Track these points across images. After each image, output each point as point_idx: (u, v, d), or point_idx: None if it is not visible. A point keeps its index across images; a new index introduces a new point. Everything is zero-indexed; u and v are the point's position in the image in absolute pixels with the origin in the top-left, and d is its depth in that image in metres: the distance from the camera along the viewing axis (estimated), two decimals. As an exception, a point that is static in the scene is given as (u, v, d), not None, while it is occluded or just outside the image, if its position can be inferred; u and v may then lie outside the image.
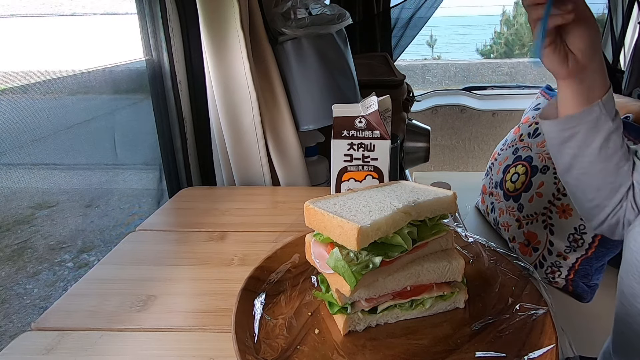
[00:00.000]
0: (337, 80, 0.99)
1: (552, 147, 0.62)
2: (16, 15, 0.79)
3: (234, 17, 0.88)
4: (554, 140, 0.61)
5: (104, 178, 0.97)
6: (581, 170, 0.60)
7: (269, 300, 0.51)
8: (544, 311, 0.48)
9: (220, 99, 0.93)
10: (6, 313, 0.74)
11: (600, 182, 0.59)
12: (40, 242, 0.81)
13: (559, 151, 0.61)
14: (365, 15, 1.94)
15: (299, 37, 0.95)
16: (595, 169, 0.59)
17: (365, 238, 0.42)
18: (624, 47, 1.82)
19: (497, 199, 1.31)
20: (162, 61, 1.03)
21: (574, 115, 0.58)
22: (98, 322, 0.53)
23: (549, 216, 1.10)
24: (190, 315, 0.54)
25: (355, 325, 0.47)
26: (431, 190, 0.53)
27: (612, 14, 1.75)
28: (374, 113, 0.65)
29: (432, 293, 0.49)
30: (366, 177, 0.69)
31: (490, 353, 0.43)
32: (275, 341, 0.45)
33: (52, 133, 0.82)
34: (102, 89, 0.97)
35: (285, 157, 0.98)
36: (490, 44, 6.63)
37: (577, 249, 1.06)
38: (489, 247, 0.61)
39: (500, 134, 2.21)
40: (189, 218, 0.82)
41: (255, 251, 0.67)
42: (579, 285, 1.08)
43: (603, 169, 0.58)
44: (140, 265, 0.65)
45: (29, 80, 0.76)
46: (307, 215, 0.48)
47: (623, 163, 0.58)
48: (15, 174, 0.74)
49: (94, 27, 0.96)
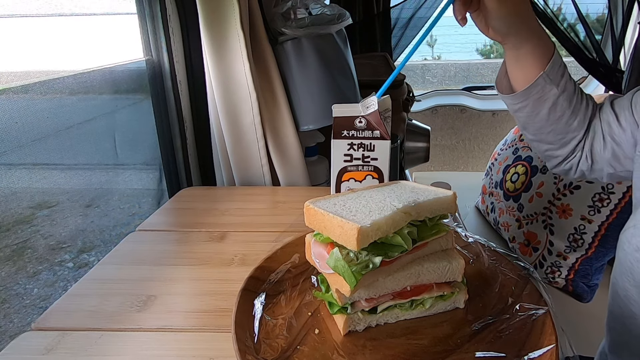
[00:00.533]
0: (337, 80, 0.99)
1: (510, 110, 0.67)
2: (16, 15, 0.79)
3: (234, 17, 0.88)
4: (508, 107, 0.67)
5: (104, 178, 0.97)
6: (534, 130, 0.65)
7: (269, 300, 0.51)
8: (544, 311, 0.48)
9: (220, 99, 0.93)
10: (6, 313, 0.74)
11: (552, 138, 0.64)
12: (40, 242, 0.81)
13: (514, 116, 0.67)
14: (365, 15, 1.94)
15: (299, 37, 0.95)
16: (546, 130, 0.64)
17: (365, 238, 0.42)
18: (624, 47, 1.83)
19: (497, 199, 1.31)
20: (162, 61, 1.03)
21: (519, 93, 0.62)
22: (98, 322, 0.53)
23: (549, 216, 1.10)
24: (190, 315, 0.54)
25: (355, 325, 0.47)
26: (431, 190, 0.53)
27: (612, 14, 1.75)
28: (374, 113, 0.65)
29: (432, 293, 0.49)
30: (366, 177, 0.69)
31: (490, 353, 0.43)
32: (275, 341, 0.45)
33: (52, 133, 0.82)
34: (102, 89, 0.96)
35: (285, 157, 0.98)
36: (490, 44, 6.62)
37: (577, 249, 1.06)
38: (489, 247, 0.61)
39: (500, 134, 2.22)
40: (189, 218, 0.82)
41: (255, 251, 0.68)
42: (579, 285, 1.08)
43: (553, 129, 0.63)
44: (140, 265, 0.65)
45: (29, 80, 0.76)
46: (307, 215, 0.48)
47: (572, 120, 0.62)
48: (15, 174, 0.74)
49: (94, 27, 0.95)
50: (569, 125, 0.62)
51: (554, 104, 0.61)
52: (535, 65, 0.59)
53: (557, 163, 0.67)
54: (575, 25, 1.77)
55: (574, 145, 0.64)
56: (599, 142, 0.61)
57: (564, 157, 0.66)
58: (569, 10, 1.75)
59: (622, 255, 0.54)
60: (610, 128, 0.60)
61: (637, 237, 0.51)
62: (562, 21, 1.78)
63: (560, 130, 0.63)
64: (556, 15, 1.77)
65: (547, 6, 1.74)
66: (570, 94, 0.61)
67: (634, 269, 0.51)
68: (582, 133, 0.63)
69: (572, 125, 0.62)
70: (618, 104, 0.61)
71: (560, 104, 0.61)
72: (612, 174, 0.62)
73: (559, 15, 1.79)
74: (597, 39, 1.81)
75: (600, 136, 0.61)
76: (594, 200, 1.03)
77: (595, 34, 1.81)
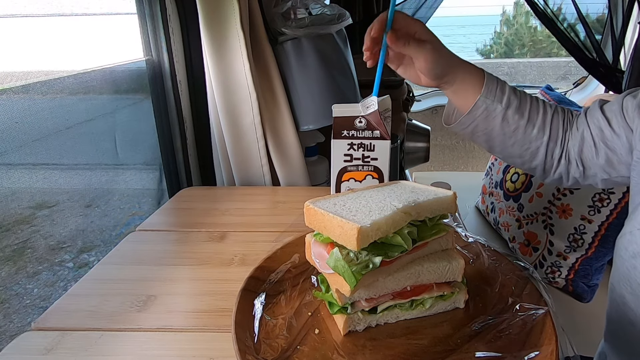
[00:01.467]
0: (337, 80, 0.99)
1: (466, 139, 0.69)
2: (16, 15, 0.79)
3: (234, 17, 0.88)
4: (463, 136, 0.68)
5: (104, 178, 0.97)
6: (499, 149, 0.67)
7: (269, 300, 0.51)
8: (544, 311, 0.48)
9: (220, 99, 0.93)
10: (6, 313, 0.73)
11: (518, 150, 0.65)
12: (40, 242, 0.81)
13: (473, 140, 0.68)
14: (365, 15, 1.94)
15: (299, 37, 0.95)
16: (509, 144, 0.65)
17: (365, 238, 0.42)
18: (624, 47, 1.82)
19: (497, 199, 1.31)
20: (162, 61, 1.03)
21: (464, 117, 0.64)
22: (98, 322, 0.53)
23: (549, 216, 1.10)
24: (190, 315, 0.54)
25: (355, 325, 0.47)
26: (431, 190, 0.53)
27: (612, 14, 1.75)
28: (374, 113, 0.65)
29: (432, 293, 0.49)
30: (366, 177, 0.69)
31: (490, 353, 0.43)
32: (275, 341, 0.45)
33: (52, 133, 0.82)
34: (102, 89, 0.96)
35: (285, 157, 0.98)
36: (490, 44, 6.64)
37: (577, 249, 1.06)
38: (489, 247, 0.61)
39: (500, 134, 2.20)
40: (189, 218, 0.82)
41: (255, 251, 0.68)
42: (579, 285, 1.08)
43: (514, 142, 0.64)
44: (140, 265, 0.65)
45: (29, 80, 0.76)
46: (307, 215, 0.48)
47: (530, 129, 0.63)
48: (15, 174, 0.74)
49: (94, 27, 0.95)
50: (528, 134, 0.63)
51: (503, 119, 0.62)
52: (473, 91, 0.63)
53: (541, 173, 0.67)
54: (575, 25, 1.77)
55: (543, 152, 0.64)
56: (590, 148, 0.60)
57: (543, 167, 0.66)
58: (569, 10, 1.75)
59: (619, 262, 0.53)
60: (603, 133, 0.59)
61: (633, 243, 0.51)
62: (562, 21, 1.78)
63: (522, 141, 0.64)
64: (556, 15, 1.77)
65: (547, 6, 1.74)
66: (517, 107, 0.63)
67: (630, 276, 0.51)
68: (545, 139, 0.63)
69: (532, 134, 0.63)
70: (608, 108, 0.60)
71: (510, 117, 0.62)
72: (606, 179, 0.61)
73: (559, 15, 1.79)
74: (597, 39, 1.81)
75: (590, 142, 0.60)
76: (594, 200, 1.03)
77: (595, 34, 1.81)
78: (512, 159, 0.67)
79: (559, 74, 4.29)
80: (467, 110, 0.64)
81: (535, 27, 6.68)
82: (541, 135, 0.63)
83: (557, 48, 3.82)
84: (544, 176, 0.67)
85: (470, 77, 0.63)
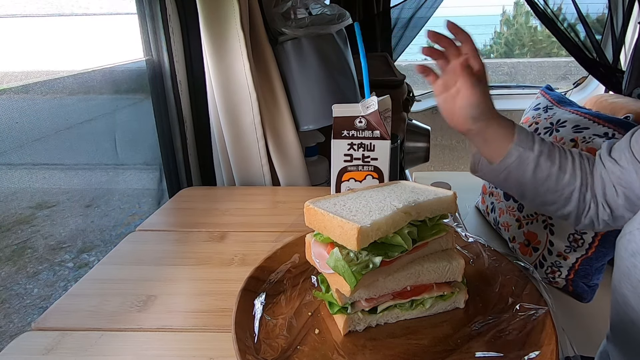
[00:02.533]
0: (337, 80, 0.99)
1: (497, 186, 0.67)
2: (16, 15, 0.79)
3: (234, 17, 0.88)
4: (493, 184, 0.68)
5: (104, 178, 0.97)
6: (531, 196, 0.66)
7: (269, 300, 0.51)
8: (544, 311, 0.48)
9: (220, 99, 0.93)
10: (6, 313, 0.73)
11: (551, 197, 0.65)
12: (40, 242, 0.81)
13: (504, 189, 0.68)
14: (365, 15, 1.94)
15: (299, 37, 0.95)
16: (541, 191, 0.65)
17: (365, 238, 0.42)
18: (624, 47, 1.82)
19: (497, 199, 1.31)
20: (162, 61, 1.03)
21: (497, 165, 0.65)
22: (98, 322, 0.53)
23: (549, 216, 1.10)
24: (190, 315, 0.54)
25: (355, 325, 0.47)
26: (431, 190, 0.53)
27: (612, 13, 1.75)
28: (374, 113, 0.65)
29: (432, 293, 0.49)
30: (366, 177, 0.69)
31: (490, 353, 0.43)
32: (275, 341, 0.45)
33: (52, 133, 0.82)
34: (102, 89, 0.96)
35: (285, 157, 0.98)
36: (490, 44, 6.63)
37: (577, 249, 1.06)
38: (489, 247, 0.61)
39: (500, 134, 2.20)
40: (189, 218, 0.82)
41: (255, 251, 0.68)
42: (579, 285, 1.08)
43: (546, 189, 0.64)
44: (140, 265, 0.65)
45: (29, 80, 0.76)
46: (307, 215, 0.48)
47: (562, 175, 0.63)
48: (15, 174, 0.74)
49: (94, 27, 0.95)
50: (561, 180, 0.63)
51: (536, 166, 0.63)
52: (505, 140, 0.64)
53: (575, 219, 0.66)
54: (575, 25, 1.77)
55: (576, 197, 0.63)
56: (611, 190, 0.61)
57: (576, 212, 0.65)
58: (569, 10, 1.75)
59: (619, 262, 0.54)
60: (615, 174, 0.60)
61: (633, 242, 0.51)
62: (562, 21, 1.78)
63: (555, 187, 0.64)
64: (556, 15, 1.77)
65: (547, 6, 1.74)
66: (548, 153, 0.63)
67: (631, 274, 0.51)
68: (577, 184, 0.63)
69: (564, 180, 0.63)
70: (616, 149, 0.61)
71: (542, 164, 0.63)
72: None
73: (559, 15, 1.79)
74: (597, 39, 1.81)
75: (610, 184, 0.61)
76: (594, 200, 1.03)
77: (595, 34, 1.81)
78: (545, 206, 0.67)
79: (559, 74, 4.28)
80: (496, 159, 0.65)
81: (535, 27, 6.69)
82: (573, 181, 0.63)
83: (557, 48, 3.81)
84: (576, 222, 0.67)
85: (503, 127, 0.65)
